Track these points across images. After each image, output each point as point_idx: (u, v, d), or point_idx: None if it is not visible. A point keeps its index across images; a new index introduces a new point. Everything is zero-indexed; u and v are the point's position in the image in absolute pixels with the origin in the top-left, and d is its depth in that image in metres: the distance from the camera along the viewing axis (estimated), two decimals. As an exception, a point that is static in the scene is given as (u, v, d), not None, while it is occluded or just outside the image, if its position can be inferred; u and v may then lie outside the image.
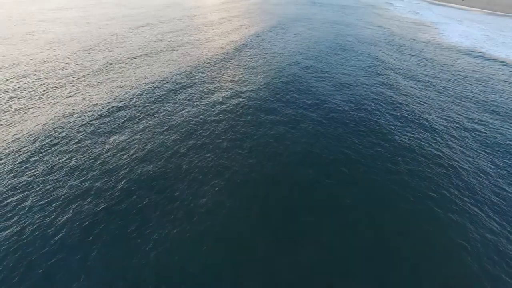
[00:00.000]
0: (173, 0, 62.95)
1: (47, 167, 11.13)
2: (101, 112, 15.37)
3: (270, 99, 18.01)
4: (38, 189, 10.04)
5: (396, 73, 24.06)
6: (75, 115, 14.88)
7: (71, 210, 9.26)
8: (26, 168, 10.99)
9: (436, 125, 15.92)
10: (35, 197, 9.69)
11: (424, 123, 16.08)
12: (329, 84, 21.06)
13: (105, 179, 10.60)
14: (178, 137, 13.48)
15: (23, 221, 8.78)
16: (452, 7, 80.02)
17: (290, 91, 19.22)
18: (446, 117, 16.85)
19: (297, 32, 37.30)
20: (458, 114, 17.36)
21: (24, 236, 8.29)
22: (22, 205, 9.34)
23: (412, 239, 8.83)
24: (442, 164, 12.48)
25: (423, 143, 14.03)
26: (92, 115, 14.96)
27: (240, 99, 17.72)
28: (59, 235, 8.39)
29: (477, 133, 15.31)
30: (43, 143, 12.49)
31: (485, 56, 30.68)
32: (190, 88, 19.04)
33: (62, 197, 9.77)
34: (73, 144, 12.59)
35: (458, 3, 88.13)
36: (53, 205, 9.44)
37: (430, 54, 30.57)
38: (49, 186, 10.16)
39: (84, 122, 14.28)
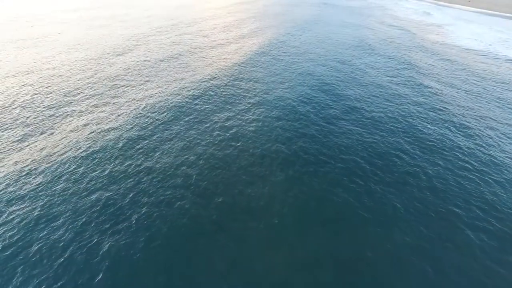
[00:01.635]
0: (183, 2, 62.20)
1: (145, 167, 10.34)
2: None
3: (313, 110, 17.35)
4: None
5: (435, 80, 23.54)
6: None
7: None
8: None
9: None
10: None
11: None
12: (368, 90, 20.46)
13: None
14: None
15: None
16: (460, 8, 79.94)
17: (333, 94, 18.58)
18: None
19: (317, 34, 36.74)
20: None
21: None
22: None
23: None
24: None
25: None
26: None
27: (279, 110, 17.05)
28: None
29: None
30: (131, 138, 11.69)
31: None
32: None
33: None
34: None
35: (464, 3, 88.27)
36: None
37: (450, 55, 30.13)
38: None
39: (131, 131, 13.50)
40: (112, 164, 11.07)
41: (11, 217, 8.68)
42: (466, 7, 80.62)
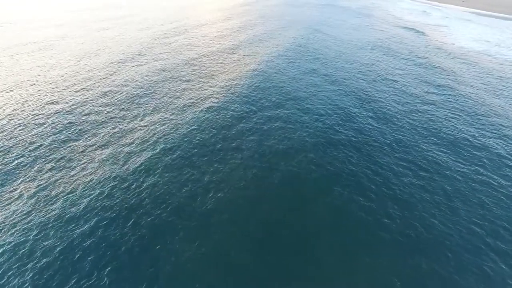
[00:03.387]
0: (192, 2, 62.26)
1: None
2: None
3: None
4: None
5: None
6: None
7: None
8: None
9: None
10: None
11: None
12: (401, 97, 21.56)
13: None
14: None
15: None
16: (456, 8, 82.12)
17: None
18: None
19: (334, 36, 37.72)
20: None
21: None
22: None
23: None
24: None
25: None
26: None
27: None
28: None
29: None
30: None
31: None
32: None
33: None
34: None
35: (458, 4, 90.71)
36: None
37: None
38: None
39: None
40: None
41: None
42: (463, 8, 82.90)
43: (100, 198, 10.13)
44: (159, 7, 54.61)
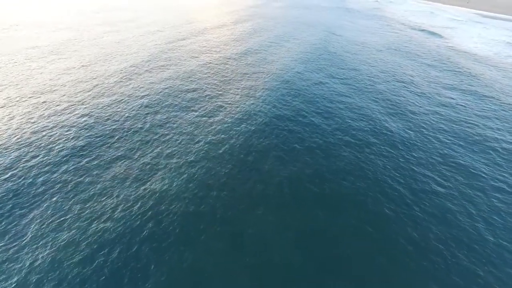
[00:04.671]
0: (196, 5, 62.46)
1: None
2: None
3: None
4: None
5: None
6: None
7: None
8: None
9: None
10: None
11: None
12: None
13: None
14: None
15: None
16: (461, 10, 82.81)
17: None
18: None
19: (350, 39, 38.04)
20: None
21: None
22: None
23: None
24: None
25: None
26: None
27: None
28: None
29: None
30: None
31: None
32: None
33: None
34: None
35: (463, 5, 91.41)
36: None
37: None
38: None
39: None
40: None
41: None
42: (467, 9, 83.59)
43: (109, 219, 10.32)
44: (166, 10, 54.81)
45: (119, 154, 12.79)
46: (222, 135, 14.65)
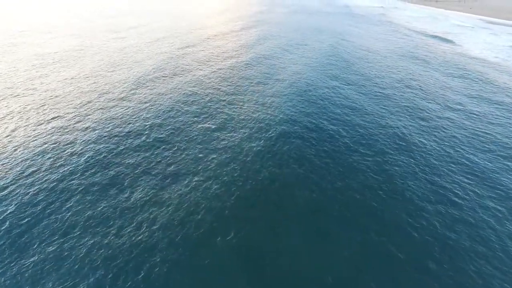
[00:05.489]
0: (200, 11, 62.45)
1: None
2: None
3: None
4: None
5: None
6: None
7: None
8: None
9: None
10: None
11: None
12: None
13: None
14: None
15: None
16: (464, 15, 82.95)
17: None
18: None
19: (360, 46, 37.67)
20: None
21: None
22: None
23: None
24: None
25: None
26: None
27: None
28: None
29: None
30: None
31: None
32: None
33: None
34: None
35: (466, 10, 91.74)
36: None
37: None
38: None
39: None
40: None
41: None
42: (469, 14, 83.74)
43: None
44: (170, 16, 54.64)
45: (140, 165, 12.03)
46: (235, 148, 13.94)
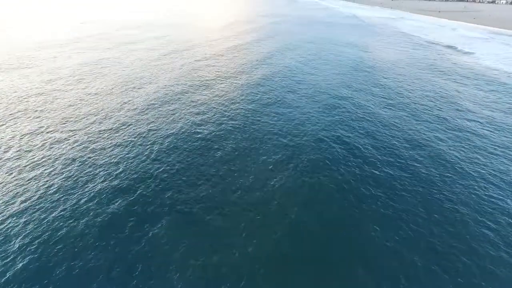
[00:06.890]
0: (221, 24, 63.10)
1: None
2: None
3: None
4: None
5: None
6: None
7: None
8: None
9: None
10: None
11: None
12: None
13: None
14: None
15: None
16: (468, 26, 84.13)
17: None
18: None
19: (370, 58, 37.91)
20: None
21: None
22: None
23: None
24: None
25: None
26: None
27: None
28: None
29: None
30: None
31: None
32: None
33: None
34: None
35: (470, 21, 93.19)
36: None
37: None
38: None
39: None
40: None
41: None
42: (474, 25, 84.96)
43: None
44: (182, 27, 55.13)
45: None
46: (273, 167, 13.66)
